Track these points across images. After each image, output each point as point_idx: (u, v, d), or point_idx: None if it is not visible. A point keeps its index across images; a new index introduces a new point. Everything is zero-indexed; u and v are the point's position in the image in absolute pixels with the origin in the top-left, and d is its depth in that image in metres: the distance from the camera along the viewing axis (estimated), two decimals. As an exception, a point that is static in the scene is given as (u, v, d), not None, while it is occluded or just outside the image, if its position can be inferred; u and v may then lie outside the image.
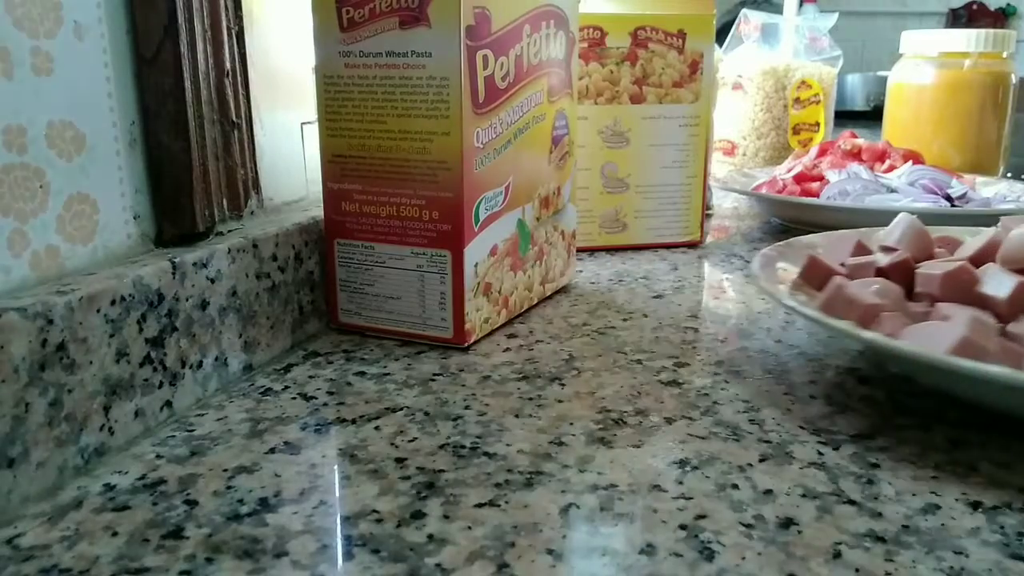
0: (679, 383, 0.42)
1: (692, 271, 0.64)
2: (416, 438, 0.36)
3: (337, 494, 0.31)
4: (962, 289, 0.40)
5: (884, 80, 1.12)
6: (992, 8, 2.85)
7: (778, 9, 1.26)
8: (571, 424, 0.37)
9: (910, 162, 0.82)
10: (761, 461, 0.34)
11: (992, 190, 0.82)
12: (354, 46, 0.44)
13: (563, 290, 0.58)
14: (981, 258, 0.42)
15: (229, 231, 0.43)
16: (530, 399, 0.40)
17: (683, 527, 0.29)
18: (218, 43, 0.41)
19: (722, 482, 0.32)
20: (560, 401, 0.40)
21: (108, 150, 0.37)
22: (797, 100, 1.08)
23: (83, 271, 0.35)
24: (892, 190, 0.76)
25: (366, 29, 0.43)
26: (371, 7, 0.43)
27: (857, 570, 0.27)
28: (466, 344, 0.46)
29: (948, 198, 0.75)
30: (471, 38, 0.42)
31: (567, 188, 0.56)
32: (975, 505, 0.31)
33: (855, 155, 0.84)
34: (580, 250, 0.68)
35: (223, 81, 0.42)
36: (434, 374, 0.43)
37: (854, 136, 0.87)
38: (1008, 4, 2.85)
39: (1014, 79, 1.02)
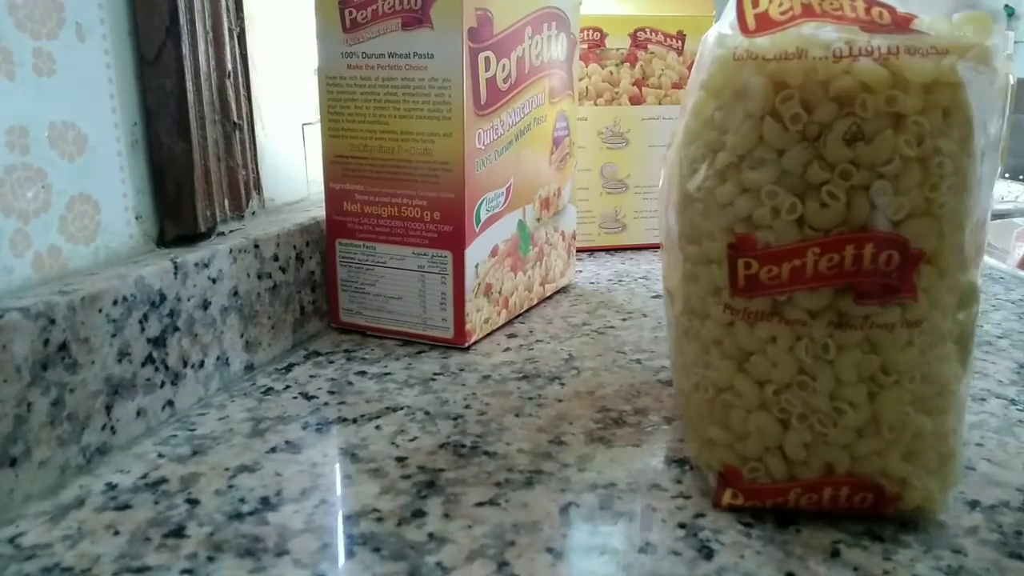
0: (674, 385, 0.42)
1: (692, 272, 0.64)
2: (416, 437, 0.36)
3: (338, 493, 0.31)
4: None
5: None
6: (992, 9, 2.85)
7: (778, 10, 1.26)
8: (571, 423, 0.37)
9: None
10: (760, 461, 0.34)
11: (991, 191, 0.82)
12: (357, 47, 0.44)
13: (563, 290, 0.58)
14: None
15: (230, 231, 0.43)
16: (530, 398, 0.40)
17: (682, 526, 0.29)
18: (220, 44, 0.41)
19: (721, 481, 0.32)
20: (560, 400, 0.40)
21: (110, 151, 0.37)
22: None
23: (85, 271, 0.35)
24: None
25: (369, 30, 0.43)
26: (374, 8, 0.43)
27: (856, 568, 0.27)
28: (466, 344, 0.46)
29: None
30: (473, 40, 0.42)
31: (567, 189, 0.56)
32: (973, 504, 0.31)
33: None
34: (580, 250, 0.69)
35: (224, 82, 0.42)
36: (434, 374, 0.43)
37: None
38: (1006, 5, 2.85)
39: (1012, 80, 1.02)
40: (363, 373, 0.43)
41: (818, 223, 0.27)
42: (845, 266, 0.27)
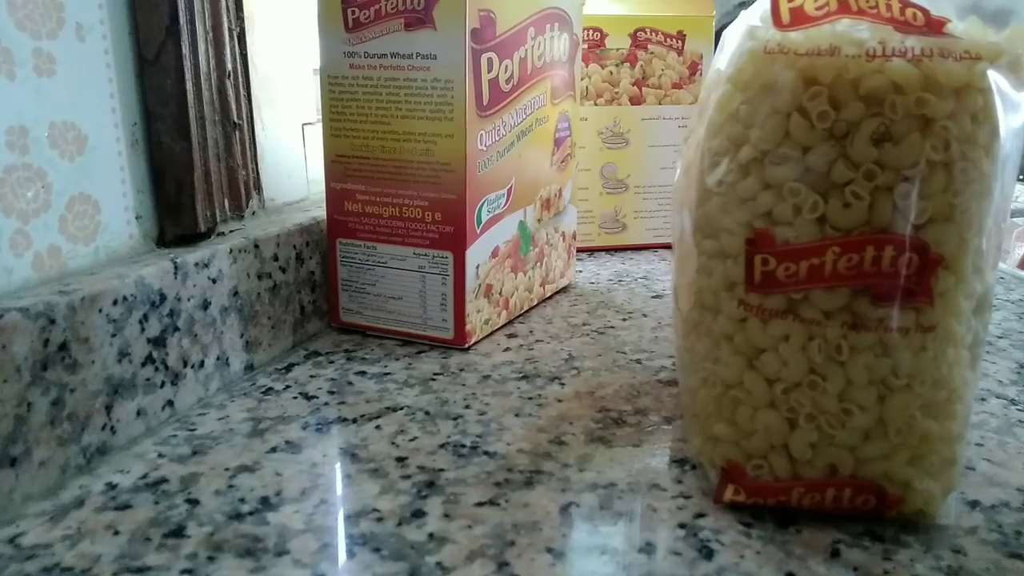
0: (678, 383, 0.42)
1: (692, 272, 0.64)
2: (416, 437, 0.36)
3: (338, 493, 0.31)
4: None
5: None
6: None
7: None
8: (571, 423, 0.37)
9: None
10: (760, 461, 0.34)
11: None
12: (359, 47, 0.44)
13: (563, 290, 0.58)
14: None
15: (230, 231, 0.43)
16: (530, 398, 0.40)
17: (682, 526, 0.29)
18: (220, 44, 0.41)
19: (721, 482, 0.32)
20: (560, 400, 0.40)
21: (110, 151, 0.37)
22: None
23: (85, 271, 0.35)
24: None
25: (371, 30, 0.43)
26: (377, 8, 0.43)
27: (855, 568, 0.27)
28: (466, 345, 0.46)
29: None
30: (476, 40, 0.42)
31: (568, 189, 0.56)
32: (973, 504, 0.31)
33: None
34: (580, 250, 0.69)
35: (224, 82, 0.42)
36: (434, 374, 0.43)
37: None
38: None
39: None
40: (363, 373, 0.43)
41: (839, 223, 0.27)
42: (864, 267, 0.27)
